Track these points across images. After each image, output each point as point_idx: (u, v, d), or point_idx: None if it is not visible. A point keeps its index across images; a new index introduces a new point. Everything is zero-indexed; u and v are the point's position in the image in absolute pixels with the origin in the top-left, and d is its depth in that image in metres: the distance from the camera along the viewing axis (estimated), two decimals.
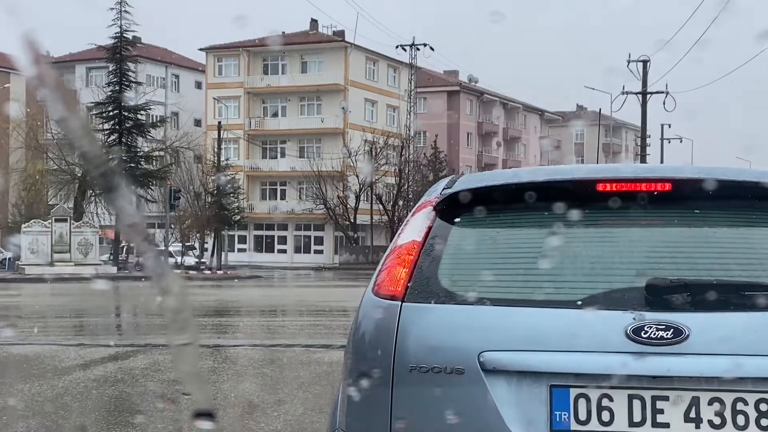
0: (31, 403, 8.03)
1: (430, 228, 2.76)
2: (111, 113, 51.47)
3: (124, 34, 51.41)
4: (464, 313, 2.55)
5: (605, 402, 2.41)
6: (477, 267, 2.71)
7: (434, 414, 2.50)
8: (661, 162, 58.53)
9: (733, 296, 2.47)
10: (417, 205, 2.95)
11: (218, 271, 47.54)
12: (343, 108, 66.66)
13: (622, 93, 43.81)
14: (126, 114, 51.46)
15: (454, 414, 2.48)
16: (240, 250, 65.65)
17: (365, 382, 2.58)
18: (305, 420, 7.29)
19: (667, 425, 2.38)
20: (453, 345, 2.52)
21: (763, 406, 2.36)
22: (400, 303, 2.61)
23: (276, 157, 69.39)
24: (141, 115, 52.85)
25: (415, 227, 2.80)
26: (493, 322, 2.53)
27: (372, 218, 60.52)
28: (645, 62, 42.88)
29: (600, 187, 2.72)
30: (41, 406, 7.90)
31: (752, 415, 2.36)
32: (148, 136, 53.34)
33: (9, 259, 47.52)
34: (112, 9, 50.90)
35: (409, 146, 64.41)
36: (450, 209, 2.80)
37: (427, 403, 2.51)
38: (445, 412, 2.48)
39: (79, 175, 48.41)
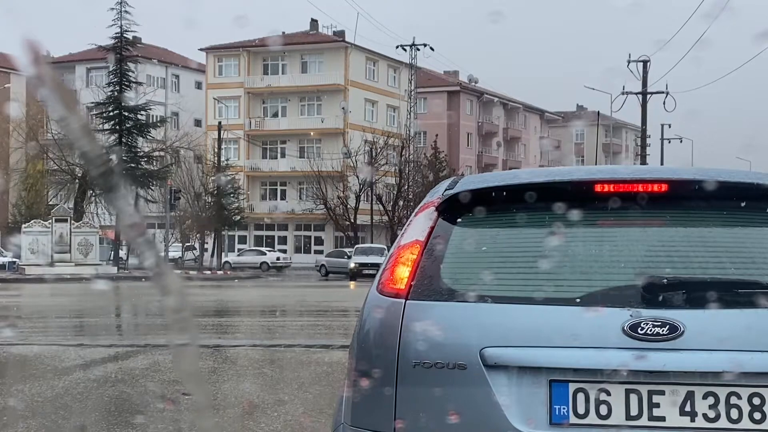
0: (31, 404, 8.04)
1: (432, 228, 2.81)
2: (111, 113, 51.54)
3: (124, 34, 51.50)
4: (466, 310, 2.60)
5: (603, 396, 2.47)
6: (478, 266, 2.75)
7: (437, 407, 2.55)
8: (662, 162, 58.58)
9: (727, 294, 2.52)
10: (420, 206, 3.00)
11: (218, 271, 47.58)
12: (343, 108, 66.68)
13: (622, 93, 43.83)
14: (126, 114, 51.51)
15: (456, 407, 2.53)
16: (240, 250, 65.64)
17: (370, 377, 2.64)
18: (305, 420, 7.29)
19: (662, 419, 2.44)
20: (455, 341, 2.57)
21: (756, 400, 2.42)
22: (404, 301, 2.67)
23: (276, 157, 69.41)
24: (141, 115, 52.90)
25: (417, 227, 2.85)
26: (494, 319, 2.58)
27: (372, 218, 60.48)
28: (645, 62, 42.87)
29: (598, 188, 2.77)
30: (41, 407, 7.91)
31: (745, 408, 2.42)
32: (148, 137, 53.36)
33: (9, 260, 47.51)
34: (112, 9, 51.07)
35: (409, 146, 64.37)
36: (451, 210, 2.84)
37: (430, 397, 2.56)
38: (447, 405, 2.54)
39: (79, 175, 48.43)
